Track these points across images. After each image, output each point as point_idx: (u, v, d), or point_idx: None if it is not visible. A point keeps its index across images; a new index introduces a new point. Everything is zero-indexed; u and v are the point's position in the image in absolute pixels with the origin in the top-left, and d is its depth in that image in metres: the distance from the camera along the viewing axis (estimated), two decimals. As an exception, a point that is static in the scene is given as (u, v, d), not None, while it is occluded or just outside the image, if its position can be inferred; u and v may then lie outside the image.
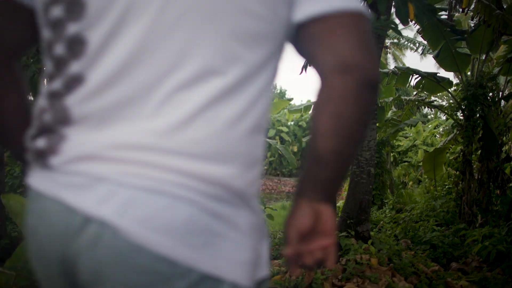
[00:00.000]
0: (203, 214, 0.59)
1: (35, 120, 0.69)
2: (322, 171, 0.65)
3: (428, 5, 2.32)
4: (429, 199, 6.63)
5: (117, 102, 0.62)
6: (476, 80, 5.97)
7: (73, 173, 0.62)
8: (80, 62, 0.63)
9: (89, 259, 0.60)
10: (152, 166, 0.59)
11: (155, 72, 0.61)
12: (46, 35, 0.68)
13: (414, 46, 15.06)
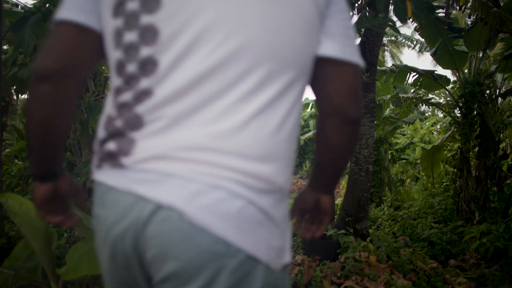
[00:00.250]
0: (250, 206, 0.74)
1: (106, 125, 0.82)
2: (322, 176, 0.97)
3: (426, 3, 2.32)
4: (427, 196, 6.64)
5: (183, 111, 0.75)
6: (473, 77, 5.98)
7: (144, 170, 0.75)
8: (150, 79, 0.77)
9: (158, 239, 0.73)
10: (212, 165, 0.74)
11: (218, 87, 0.75)
12: (117, 56, 0.80)
13: (412, 43, 15.08)
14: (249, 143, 0.76)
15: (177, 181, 0.73)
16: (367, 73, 3.76)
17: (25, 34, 2.80)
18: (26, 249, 1.98)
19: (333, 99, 0.86)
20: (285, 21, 0.79)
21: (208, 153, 0.74)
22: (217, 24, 0.76)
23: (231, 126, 0.75)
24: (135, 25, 0.78)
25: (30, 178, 5.11)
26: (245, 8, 0.77)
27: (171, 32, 0.76)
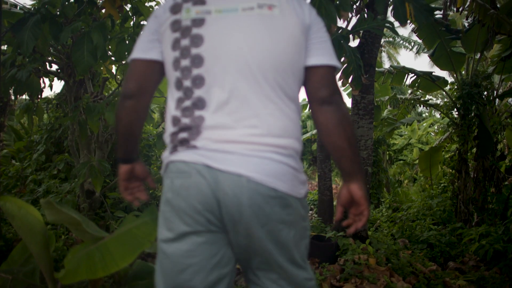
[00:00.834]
0: (286, 167, 1.21)
1: (174, 122, 1.26)
2: (339, 164, 1.31)
3: (425, 5, 2.32)
4: (425, 198, 6.64)
5: (230, 112, 1.21)
6: (471, 79, 5.98)
7: (212, 150, 1.19)
8: (200, 90, 1.23)
9: (232, 195, 1.15)
10: (264, 145, 1.20)
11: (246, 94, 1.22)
12: (176, 75, 1.26)
13: (409, 45, 15.10)
14: (276, 127, 1.22)
15: (238, 156, 1.18)
16: (366, 74, 3.75)
17: (24, 36, 2.78)
18: (24, 252, 1.96)
19: (313, 90, 1.31)
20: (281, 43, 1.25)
21: (254, 138, 1.20)
22: (241, 51, 1.22)
23: (263, 118, 1.22)
24: (187, 55, 1.24)
25: (28, 179, 5.09)
26: (257, 37, 1.24)
27: (212, 58, 1.23)
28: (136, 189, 1.50)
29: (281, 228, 1.22)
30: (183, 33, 1.26)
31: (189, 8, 1.28)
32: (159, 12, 1.34)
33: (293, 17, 1.28)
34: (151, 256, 3.67)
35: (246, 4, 1.27)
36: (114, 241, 1.65)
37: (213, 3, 1.28)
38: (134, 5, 3.95)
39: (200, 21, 1.26)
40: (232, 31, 1.24)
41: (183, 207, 1.20)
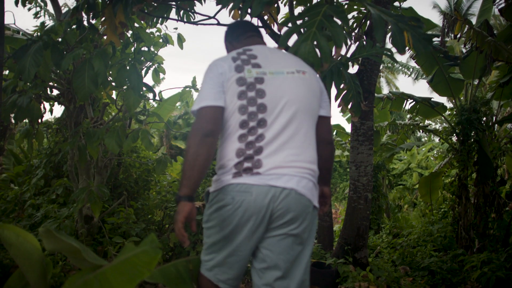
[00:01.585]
0: (313, 184, 1.78)
1: (239, 154, 1.71)
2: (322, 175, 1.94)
3: (424, 34, 2.34)
4: (426, 223, 6.60)
5: (280, 144, 1.71)
6: (469, 104, 6.03)
7: (271, 174, 1.67)
8: (262, 129, 1.72)
9: (284, 203, 1.67)
10: (301, 168, 1.73)
11: (292, 131, 1.75)
12: (242, 118, 1.73)
13: (408, 71, 15.24)
14: (309, 156, 1.79)
15: (288, 177, 1.69)
16: (365, 101, 3.77)
17: (26, 62, 2.81)
18: (20, 280, 1.93)
19: (322, 133, 1.95)
20: (311, 97, 1.86)
21: (296, 163, 1.73)
22: (290, 101, 1.77)
23: (301, 150, 1.76)
24: (254, 103, 1.74)
25: (26, 203, 5.06)
26: (298, 92, 1.81)
27: (272, 106, 1.75)
28: (188, 223, 1.70)
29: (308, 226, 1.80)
30: (248, 87, 1.76)
31: (250, 70, 1.79)
32: (223, 69, 1.80)
33: (316, 81, 1.94)
34: (149, 284, 3.62)
35: (289, 69, 1.86)
36: (113, 270, 1.63)
37: (267, 67, 1.83)
38: (135, 31, 4.01)
39: (261, 79, 1.78)
40: (284, 87, 1.80)
41: (241, 217, 1.69)
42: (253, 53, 1.87)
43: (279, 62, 1.87)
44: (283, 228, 1.73)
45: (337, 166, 24.02)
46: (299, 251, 1.79)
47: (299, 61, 1.96)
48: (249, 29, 2.11)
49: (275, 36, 4.39)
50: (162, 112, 7.99)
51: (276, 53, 1.96)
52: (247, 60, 1.83)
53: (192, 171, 1.66)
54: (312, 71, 1.94)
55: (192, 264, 1.91)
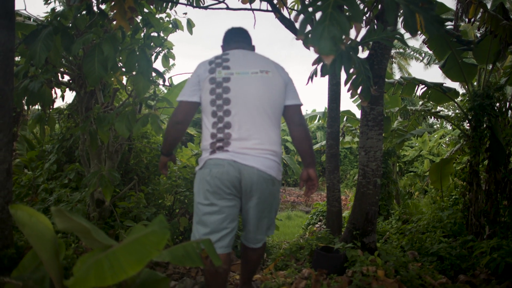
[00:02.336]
0: (274, 163, 2.32)
1: (212, 136, 2.30)
2: (303, 158, 2.48)
3: (436, 16, 2.31)
4: (435, 210, 6.57)
5: (245, 130, 2.27)
6: (483, 90, 5.95)
7: (238, 152, 2.24)
8: (228, 117, 2.28)
9: (248, 178, 2.24)
10: (262, 149, 2.27)
11: (252, 120, 2.29)
12: (212, 109, 2.30)
13: (420, 56, 15.05)
14: (268, 139, 2.30)
15: (251, 157, 2.23)
16: (375, 86, 3.75)
17: (37, 47, 2.84)
18: (34, 260, 1.98)
19: (291, 118, 2.42)
20: (273, 92, 2.34)
21: (258, 145, 2.26)
22: (251, 95, 2.29)
23: (262, 134, 2.28)
24: (220, 97, 2.28)
25: (40, 188, 5.14)
26: (259, 88, 2.32)
27: (235, 99, 2.28)
28: (165, 169, 2.67)
29: (271, 196, 2.36)
30: (217, 85, 2.31)
31: (220, 71, 2.33)
32: (200, 71, 2.38)
33: (279, 78, 2.40)
34: (159, 265, 3.68)
35: (253, 69, 2.35)
36: (123, 250, 1.66)
37: (234, 68, 2.35)
38: (145, 17, 4.01)
39: (227, 79, 2.32)
40: (247, 85, 2.31)
41: (218, 185, 2.25)
42: (227, 57, 2.40)
43: (247, 64, 2.38)
44: (252, 197, 2.30)
45: (347, 152, 23.95)
46: (266, 213, 2.42)
47: (266, 62, 2.42)
48: (237, 37, 2.63)
49: (284, 20, 4.36)
50: (172, 98, 7.99)
51: (248, 56, 2.46)
52: (220, 63, 2.37)
53: (165, 142, 2.51)
54: (276, 70, 2.41)
55: (202, 245, 1.94)
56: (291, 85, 2.46)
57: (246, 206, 2.36)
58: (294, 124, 2.42)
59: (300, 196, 17.63)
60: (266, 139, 2.29)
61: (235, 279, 3.42)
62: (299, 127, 2.42)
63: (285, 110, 2.43)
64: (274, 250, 5.30)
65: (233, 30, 2.68)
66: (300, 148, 2.44)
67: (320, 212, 9.32)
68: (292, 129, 2.43)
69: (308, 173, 2.45)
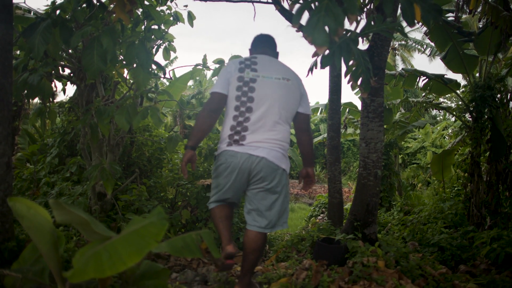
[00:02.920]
0: (282, 154, 2.67)
1: (231, 129, 2.65)
2: (305, 158, 2.91)
3: (434, 5, 2.30)
4: (437, 201, 6.57)
5: (260, 126, 2.63)
6: (484, 81, 5.93)
7: (251, 145, 2.60)
8: (250, 114, 2.64)
9: (258, 166, 2.60)
10: (272, 143, 2.63)
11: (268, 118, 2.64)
12: (236, 104, 2.65)
13: (422, 47, 14.99)
14: (280, 135, 2.66)
15: (262, 149, 2.59)
16: (375, 77, 3.74)
17: (35, 40, 2.83)
18: (34, 252, 2.00)
19: (300, 125, 2.82)
20: (290, 98, 2.71)
21: (269, 139, 2.62)
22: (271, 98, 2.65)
23: (274, 131, 2.64)
24: (245, 95, 2.64)
25: (41, 181, 5.16)
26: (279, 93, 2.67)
27: (258, 99, 2.63)
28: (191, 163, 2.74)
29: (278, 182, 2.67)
30: (244, 84, 2.66)
31: (248, 72, 2.69)
32: (231, 69, 2.72)
33: (297, 87, 2.77)
34: (161, 258, 3.71)
35: (277, 75, 2.71)
36: (122, 241, 1.68)
37: (261, 71, 2.70)
38: (145, 9, 4.00)
39: (254, 80, 2.67)
40: (270, 88, 2.67)
41: (230, 171, 2.64)
42: (256, 61, 2.76)
43: (272, 69, 2.73)
44: (259, 183, 2.65)
45: (350, 145, 23.93)
46: (274, 199, 2.68)
47: (288, 71, 2.79)
48: (264, 43, 2.98)
49: (285, 12, 4.34)
50: (174, 91, 7.99)
51: (274, 63, 2.82)
52: (249, 65, 2.72)
53: (198, 132, 2.70)
54: (296, 79, 2.78)
55: (201, 236, 1.95)
56: (306, 96, 2.83)
57: (256, 189, 2.67)
58: (301, 130, 2.82)
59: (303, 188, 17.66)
60: (277, 135, 2.64)
61: (236, 271, 3.44)
62: (305, 134, 2.83)
63: (296, 116, 2.79)
64: (276, 242, 5.32)
65: (261, 36, 3.04)
66: (303, 151, 2.86)
67: (323, 204, 9.34)
68: (299, 134, 2.84)
69: (307, 172, 2.89)
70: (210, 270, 3.37)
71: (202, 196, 4.80)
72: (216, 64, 4.62)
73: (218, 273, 3.18)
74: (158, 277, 2.03)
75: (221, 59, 4.61)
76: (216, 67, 4.65)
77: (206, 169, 5.20)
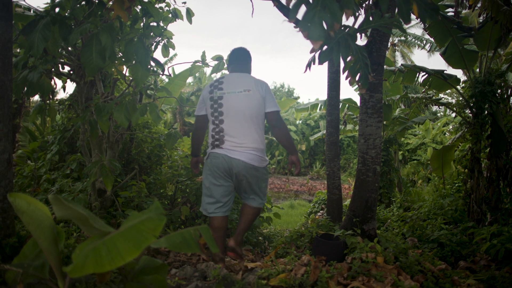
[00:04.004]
0: (254, 155, 3.39)
1: (212, 137, 3.46)
2: (285, 147, 3.60)
3: (430, 4, 2.31)
4: (437, 197, 6.58)
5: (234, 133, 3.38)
6: (484, 77, 5.92)
7: (229, 149, 3.37)
8: (222, 124, 3.40)
9: (237, 167, 3.36)
10: (248, 147, 3.37)
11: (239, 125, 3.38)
12: (212, 118, 3.45)
13: (421, 43, 14.97)
14: (253, 140, 3.38)
15: (238, 152, 3.34)
16: (373, 73, 3.74)
17: (35, 37, 2.84)
18: (34, 247, 2.01)
19: (270, 122, 3.46)
20: (253, 104, 3.37)
21: (245, 144, 3.36)
22: (237, 109, 3.37)
23: (246, 136, 3.37)
24: (217, 111, 3.42)
25: (42, 178, 5.18)
26: (243, 103, 3.37)
27: (226, 112, 3.38)
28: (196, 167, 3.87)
29: (255, 178, 3.44)
30: (214, 102, 3.40)
31: (216, 91, 3.41)
32: (204, 93, 3.50)
33: (257, 93, 3.37)
34: (160, 253, 3.72)
35: (239, 89, 3.37)
36: (120, 236, 1.69)
37: (226, 89, 3.39)
38: (144, 6, 4.01)
39: (221, 97, 3.39)
40: (234, 101, 3.36)
41: (216, 171, 3.40)
42: (222, 81, 3.46)
43: (235, 85, 3.40)
44: (240, 177, 3.40)
45: (350, 141, 23.93)
46: (256, 186, 3.50)
47: (249, 82, 3.41)
48: (236, 60, 3.64)
49: (282, 8, 4.34)
50: (173, 87, 8.00)
51: (238, 78, 3.47)
52: (217, 86, 3.45)
53: (194, 145, 3.77)
54: (256, 88, 3.39)
55: (200, 232, 1.96)
56: (269, 96, 3.42)
57: (239, 184, 3.48)
58: (272, 125, 3.46)
59: (303, 185, 17.66)
60: (250, 139, 3.36)
61: (235, 267, 3.45)
62: (275, 128, 3.45)
63: (266, 116, 3.45)
64: (275, 238, 5.33)
65: (233, 52, 3.69)
66: (281, 142, 3.55)
67: (322, 201, 9.34)
68: (272, 129, 3.47)
69: (291, 159, 3.57)
70: (209, 266, 3.38)
71: (201, 193, 4.81)
72: (215, 61, 4.63)
73: (217, 269, 3.20)
74: (157, 272, 2.05)
75: (220, 56, 4.62)
76: (215, 64, 4.65)
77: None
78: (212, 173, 3.42)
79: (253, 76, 3.53)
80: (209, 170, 3.44)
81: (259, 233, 5.27)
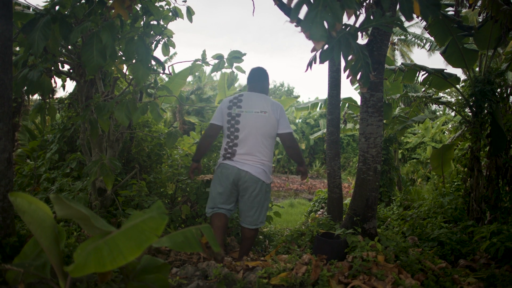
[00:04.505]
0: (262, 170, 3.72)
1: (225, 150, 3.79)
2: (295, 161, 3.98)
3: (433, 0, 2.30)
4: (437, 196, 6.58)
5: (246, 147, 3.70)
6: (483, 76, 5.92)
7: (238, 161, 3.70)
8: (236, 139, 3.73)
9: (243, 178, 3.68)
10: (255, 161, 3.70)
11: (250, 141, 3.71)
12: (228, 132, 3.76)
13: (421, 42, 14.96)
14: (260, 154, 3.72)
15: (247, 165, 3.67)
16: (374, 72, 3.74)
17: (35, 36, 2.83)
18: (35, 247, 2.01)
19: (285, 142, 3.80)
20: (267, 125, 3.71)
21: (254, 159, 3.70)
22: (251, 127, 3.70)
23: (256, 151, 3.70)
24: (233, 126, 3.73)
25: (42, 177, 5.17)
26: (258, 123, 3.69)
27: (242, 128, 3.71)
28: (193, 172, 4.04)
29: (259, 192, 3.73)
30: (231, 118, 3.72)
31: (235, 109, 3.72)
32: (224, 106, 3.78)
33: (273, 116, 3.70)
34: (161, 253, 3.72)
35: (256, 109, 3.69)
36: (122, 235, 1.69)
37: (244, 108, 3.71)
38: (144, 5, 4.00)
39: (239, 115, 3.71)
40: (250, 120, 3.68)
41: (225, 180, 3.72)
42: (241, 98, 3.76)
43: (253, 105, 3.71)
44: (246, 191, 3.70)
45: (350, 140, 23.94)
46: (256, 203, 3.73)
47: (266, 104, 3.72)
48: (255, 79, 3.93)
49: (283, 7, 4.33)
50: (173, 86, 7.98)
51: (256, 99, 3.76)
52: (236, 103, 3.75)
53: (199, 150, 3.95)
54: (272, 110, 3.69)
55: (201, 231, 1.96)
56: (283, 119, 3.74)
57: (242, 198, 3.76)
58: (286, 145, 3.80)
59: (303, 184, 17.68)
60: (259, 155, 3.69)
61: (236, 265, 3.45)
62: (289, 149, 3.81)
63: (280, 136, 3.78)
64: (276, 237, 5.33)
65: (253, 72, 3.98)
66: (292, 159, 3.92)
67: (322, 199, 9.35)
68: (286, 149, 3.85)
69: (299, 169, 4.00)
70: (210, 265, 3.38)
71: (202, 192, 4.81)
72: (215, 60, 4.62)
73: (219, 268, 3.20)
74: (159, 271, 2.05)
75: (220, 55, 4.61)
76: (215, 63, 4.64)
77: (205, 165, 5.20)
78: (220, 182, 3.73)
79: (269, 98, 3.81)
80: (218, 179, 3.76)
81: (260, 232, 5.27)
